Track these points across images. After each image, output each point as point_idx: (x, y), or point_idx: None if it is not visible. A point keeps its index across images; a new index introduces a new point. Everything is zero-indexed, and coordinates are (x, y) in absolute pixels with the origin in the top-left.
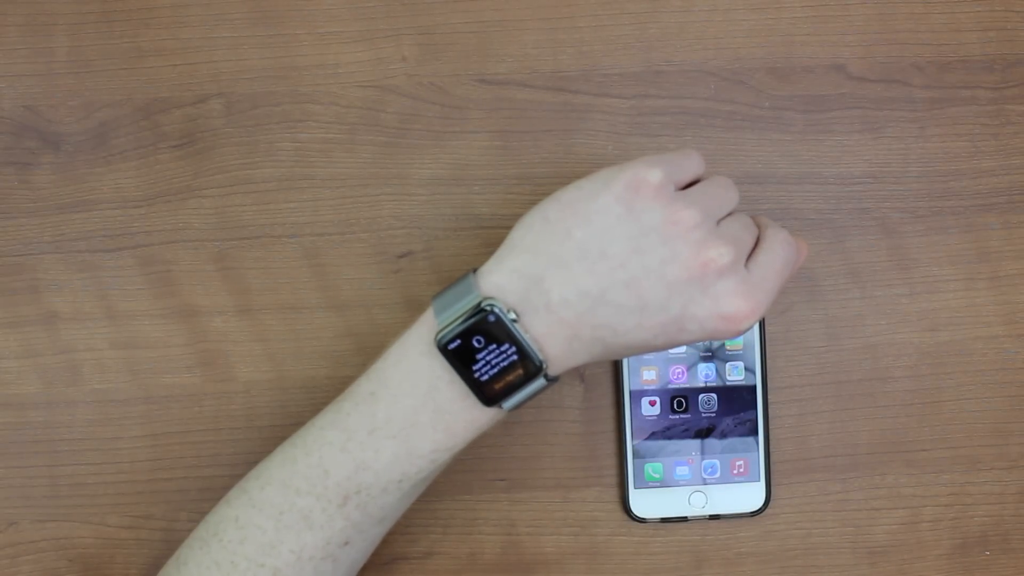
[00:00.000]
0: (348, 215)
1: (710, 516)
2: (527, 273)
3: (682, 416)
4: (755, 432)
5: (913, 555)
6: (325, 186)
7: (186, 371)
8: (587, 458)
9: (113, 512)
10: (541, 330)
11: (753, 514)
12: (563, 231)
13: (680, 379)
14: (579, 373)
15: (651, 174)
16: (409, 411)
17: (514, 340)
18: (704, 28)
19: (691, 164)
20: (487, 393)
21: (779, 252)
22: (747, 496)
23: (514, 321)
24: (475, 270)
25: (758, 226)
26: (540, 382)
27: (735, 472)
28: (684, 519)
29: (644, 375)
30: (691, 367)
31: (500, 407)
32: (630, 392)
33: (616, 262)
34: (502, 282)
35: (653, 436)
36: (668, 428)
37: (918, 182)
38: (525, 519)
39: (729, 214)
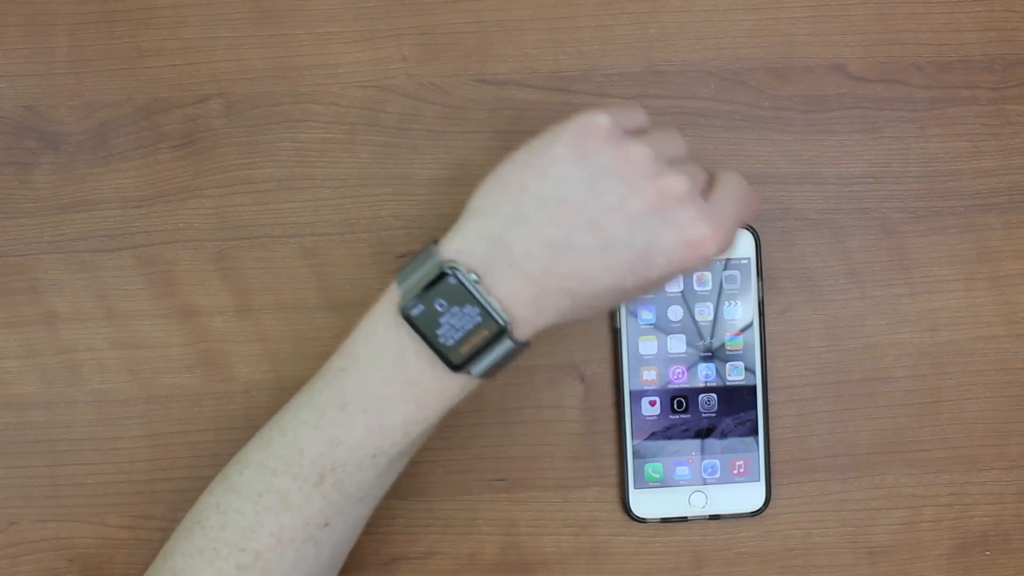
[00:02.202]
0: (348, 215)
1: (710, 516)
2: (487, 234)
3: (682, 416)
4: (755, 432)
5: (913, 555)
6: (325, 186)
7: (186, 371)
8: (587, 458)
9: (113, 512)
10: (505, 290)
11: (753, 514)
12: (518, 187)
13: (680, 379)
14: (579, 373)
15: (598, 119)
16: (379, 384)
17: (476, 301)
18: (704, 28)
19: (635, 114)
20: (453, 358)
21: (735, 188)
22: (747, 496)
23: (476, 282)
24: (436, 241)
25: (710, 173)
26: (507, 344)
27: (735, 472)
28: (684, 519)
29: (644, 375)
30: (691, 367)
31: (469, 373)
32: (630, 392)
33: (575, 206)
34: (463, 246)
35: (653, 436)
36: (668, 428)
37: (918, 182)
38: (525, 519)
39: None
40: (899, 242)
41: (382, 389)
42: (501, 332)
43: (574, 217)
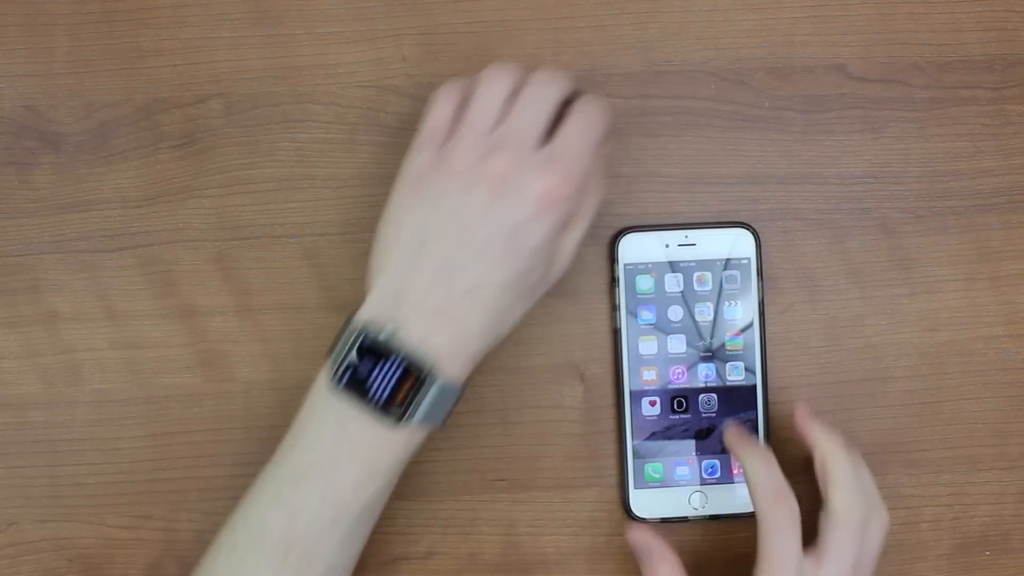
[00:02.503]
0: (348, 215)
1: (710, 516)
2: (388, 292)
3: (682, 416)
4: (755, 432)
5: (913, 555)
6: (325, 186)
7: (186, 371)
8: (587, 458)
9: (113, 512)
10: (420, 332)
11: (753, 514)
12: (393, 243)
13: (680, 379)
14: (579, 373)
15: (418, 161)
16: (327, 451)
17: (394, 350)
18: (704, 28)
19: (443, 109)
20: (390, 413)
21: (580, 120)
22: (747, 496)
23: (391, 335)
24: (353, 315)
25: (568, 99)
26: (438, 385)
27: (735, 472)
28: (684, 519)
29: (644, 375)
30: (691, 367)
31: (410, 423)
32: (630, 392)
33: (439, 234)
34: (371, 310)
35: (653, 436)
36: (668, 428)
37: (918, 182)
38: (525, 519)
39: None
40: (899, 242)
41: (330, 456)
42: (427, 374)
43: (443, 242)
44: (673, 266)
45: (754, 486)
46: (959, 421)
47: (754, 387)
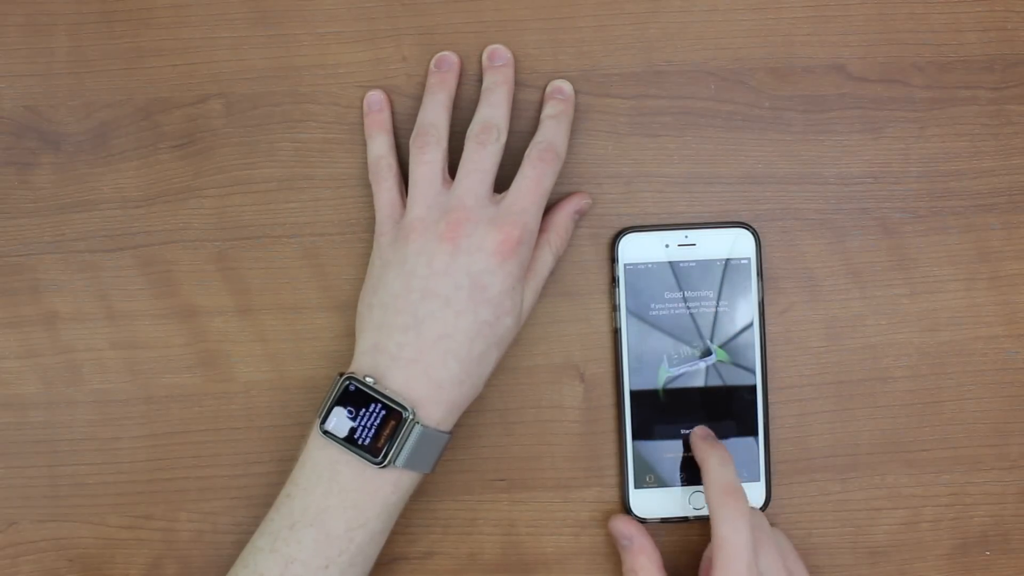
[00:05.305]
0: (348, 215)
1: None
2: (368, 347)
3: (682, 416)
4: (755, 432)
5: (913, 555)
6: (325, 186)
7: (186, 371)
8: (587, 458)
9: (113, 512)
10: (399, 381)
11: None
12: (369, 307)
13: (680, 379)
14: (579, 373)
15: (383, 241)
16: (320, 498)
17: (375, 397)
18: (704, 28)
19: (386, 192)
20: (373, 453)
21: (528, 175)
22: (747, 496)
23: (373, 383)
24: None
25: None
26: (418, 429)
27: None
28: (684, 519)
29: (644, 375)
30: (691, 367)
31: (395, 466)
32: (630, 392)
33: (404, 292)
34: (356, 363)
35: (653, 436)
36: (668, 428)
37: (918, 182)
38: (525, 519)
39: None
40: (899, 242)
41: (323, 502)
42: (407, 418)
43: (409, 299)
44: (673, 266)
45: (709, 483)
46: (959, 421)
47: (754, 387)
